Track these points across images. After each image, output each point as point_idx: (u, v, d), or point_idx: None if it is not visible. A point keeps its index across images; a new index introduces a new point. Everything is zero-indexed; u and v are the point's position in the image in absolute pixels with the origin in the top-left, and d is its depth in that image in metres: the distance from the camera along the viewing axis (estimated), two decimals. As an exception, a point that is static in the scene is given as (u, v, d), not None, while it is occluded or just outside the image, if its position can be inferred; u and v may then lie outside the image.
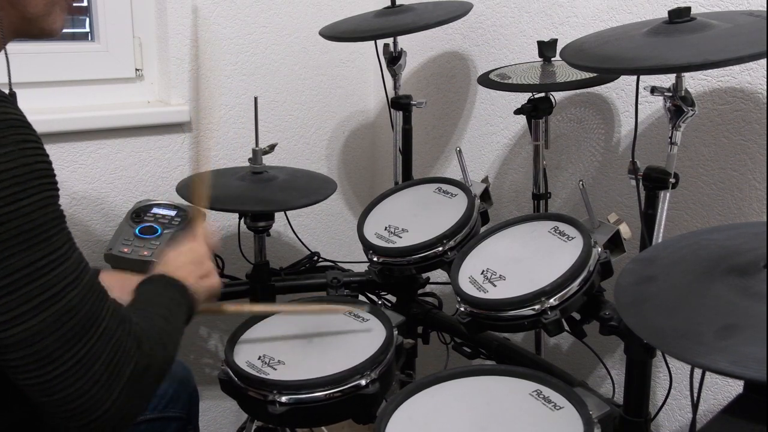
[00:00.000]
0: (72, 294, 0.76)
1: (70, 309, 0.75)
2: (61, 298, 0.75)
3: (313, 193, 1.59)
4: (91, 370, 0.76)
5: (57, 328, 0.74)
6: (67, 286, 0.75)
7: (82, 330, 0.76)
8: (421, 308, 1.64)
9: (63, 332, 0.75)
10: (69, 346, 0.75)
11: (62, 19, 0.90)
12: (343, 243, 2.22)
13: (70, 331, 0.75)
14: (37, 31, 0.88)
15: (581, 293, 1.12)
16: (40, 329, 0.73)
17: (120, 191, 1.79)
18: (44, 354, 0.74)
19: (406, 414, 1.08)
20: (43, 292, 0.73)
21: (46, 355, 0.74)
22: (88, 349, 0.76)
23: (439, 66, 1.94)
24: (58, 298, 0.74)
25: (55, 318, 0.74)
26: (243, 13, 1.89)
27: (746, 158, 1.30)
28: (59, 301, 0.75)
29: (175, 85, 1.82)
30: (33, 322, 0.73)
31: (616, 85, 1.49)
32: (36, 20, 0.86)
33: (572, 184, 1.63)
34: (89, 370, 0.76)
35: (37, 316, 0.73)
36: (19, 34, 0.87)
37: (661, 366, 1.41)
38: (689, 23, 1.04)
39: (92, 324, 0.77)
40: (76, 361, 0.75)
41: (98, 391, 0.77)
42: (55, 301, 0.74)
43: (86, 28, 1.79)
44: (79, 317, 0.76)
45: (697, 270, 0.77)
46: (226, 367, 1.24)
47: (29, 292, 0.73)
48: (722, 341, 0.64)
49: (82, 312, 0.76)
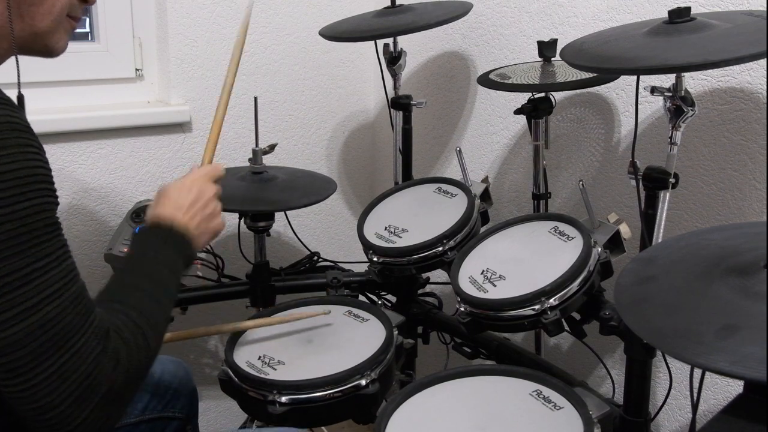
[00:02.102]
0: (50, 307, 0.73)
1: (45, 322, 0.73)
2: (38, 311, 0.73)
3: (313, 193, 1.59)
4: (63, 386, 0.74)
5: (31, 340, 0.72)
6: (46, 298, 0.73)
7: (56, 345, 0.74)
8: (421, 308, 1.64)
9: (36, 345, 0.73)
10: (41, 360, 0.73)
11: (66, 40, 0.93)
12: (343, 243, 2.22)
13: (43, 345, 0.73)
14: (41, 47, 0.90)
15: (581, 293, 1.12)
16: (15, 340, 0.72)
17: (120, 191, 1.79)
18: (17, 365, 0.73)
19: (406, 414, 1.09)
20: (22, 302, 0.72)
21: (18, 366, 0.73)
22: (60, 365, 0.74)
23: (439, 66, 1.94)
24: (34, 310, 0.72)
25: (30, 330, 0.72)
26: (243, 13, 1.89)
27: (746, 158, 1.30)
28: (36, 314, 0.72)
29: (175, 85, 1.82)
30: (8, 332, 0.71)
31: (616, 85, 1.49)
32: (42, 35, 0.88)
33: (572, 184, 1.63)
34: (60, 385, 0.74)
35: (12, 327, 0.71)
36: (24, 49, 0.89)
37: (661, 366, 1.41)
38: (689, 23, 1.04)
39: (69, 339, 0.75)
40: (47, 375, 0.73)
41: (69, 406, 0.75)
42: (31, 312, 0.72)
43: (86, 28, 1.79)
44: (55, 331, 0.74)
45: (697, 270, 0.77)
46: (226, 367, 1.24)
47: (10, 300, 0.71)
48: (722, 341, 0.64)
49: (59, 326, 0.74)
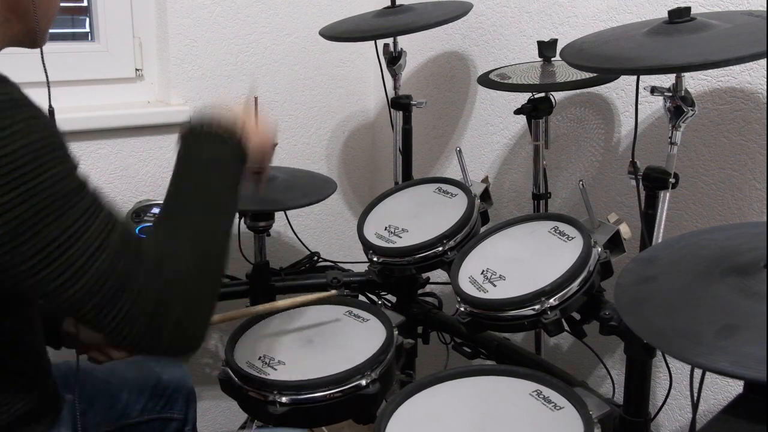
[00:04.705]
0: (100, 260, 0.77)
1: (100, 275, 0.77)
2: (90, 266, 0.77)
3: (313, 193, 1.59)
4: (134, 328, 0.80)
5: (92, 295, 0.77)
6: (94, 252, 0.77)
7: (116, 293, 0.79)
8: (421, 308, 1.64)
9: (99, 298, 0.78)
10: (107, 310, 0.79)
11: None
12: (343, 243, 2.22)
13: (105, 296, 0.78)
14: (28, 43, 0.93)
15: (581, 293, 1.12)
16: (79, 297, 0.77)
17: (120, 191, 1.79)
18: (88, 318, 0.79)
19: (406, 414, 1.08)
20: (73, 263, 0.76)
21: (90, 318, 0.79)
22: (126, 311, 0.79)
23: (439, 66, 1.94)
24: (87, 267, 0.76)
25: (89, 286, 0.77)
26: (243, 13, 1.89)
27: (746, 158, 1.30)
28: (89, 270, 0.77)
29: (175, 85, 1.82)
30: (70, 292, 0.76)
31: (616, 85, 1.49)
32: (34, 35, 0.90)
33: (572, 184, 1.63)
34: (132, 328, 0.80)
35: (72, 287, 0.76)
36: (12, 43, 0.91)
37: (661, 366, 1.41)
38: (689, 23, 1.04)
39: (126, 284, 0.79)
40: (117, 322, 0.79)
41: (148, 342, 0.82)
42: (85, 270, 0.76)
43: (86, 28, 1.79)
44: (112, 282, 0.78)
45: (697, 270, 0.77)
46: (226, 367, 1.24)
47: (62, 264, 0.75)
48: (722, 341, 0.64)
49: (115, 275, 0.78)
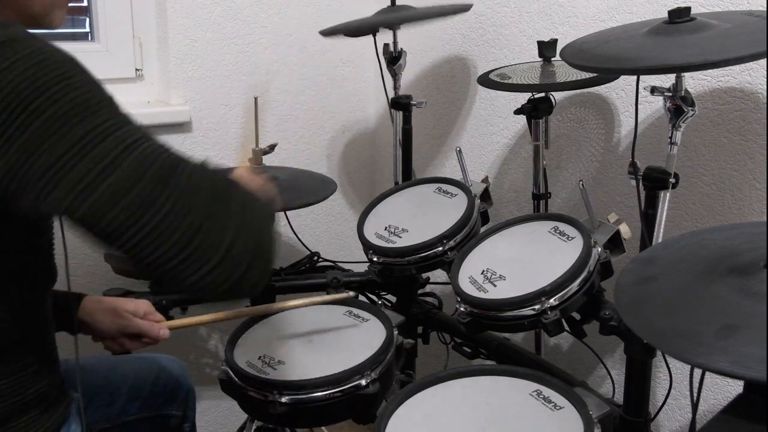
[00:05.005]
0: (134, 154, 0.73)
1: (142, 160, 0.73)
2: (125, 157, 0.72)
3: (313, 193, 1.59)
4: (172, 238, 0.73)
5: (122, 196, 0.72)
6: (131, 144, 0.73)
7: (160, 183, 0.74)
8: (421, 308, 1.64)
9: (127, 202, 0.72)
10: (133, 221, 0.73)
11: (62, 16, 0.92)
12: (343, 243, 2.22)
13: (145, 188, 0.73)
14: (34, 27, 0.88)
15: (581, 293, 1.12)
16: (113, 191, 0.72)
17: (120, 191, 1.78)
18: (110, 230, 0.73)
19: (406, 414, 1.08)
20: (105, 157, 0.72)
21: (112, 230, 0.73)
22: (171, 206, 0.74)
23: (439, 66, 1.94)
24: (122, 157, 0.72)
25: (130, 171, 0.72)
26: (243, 13, 1.89)
27: (746, 158, 1.30)
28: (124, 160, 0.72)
29: (175, 85, 1.82)
30: (108, 182, 0.71)
31: (616, 85, 1.49)
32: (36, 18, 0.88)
33: (572, 184, 1.63)
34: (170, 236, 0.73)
35: (107, 179, 0.71)
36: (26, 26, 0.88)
37: (661, 366, 1.41)
38: (689, 23, 1.04)
39: (172, 173, 0.75)
40: (143, 236, 0.73)
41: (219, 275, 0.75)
42: (119, 162, 0.72)
43: (86, 28, 1.79)
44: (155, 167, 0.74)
45: (697, 270, 0.77)
46: (226, 367, 1.24)
47: (103, 150, 0.72)
48: (722, 341, 0.64)
49: (159, 161, 0.74)
